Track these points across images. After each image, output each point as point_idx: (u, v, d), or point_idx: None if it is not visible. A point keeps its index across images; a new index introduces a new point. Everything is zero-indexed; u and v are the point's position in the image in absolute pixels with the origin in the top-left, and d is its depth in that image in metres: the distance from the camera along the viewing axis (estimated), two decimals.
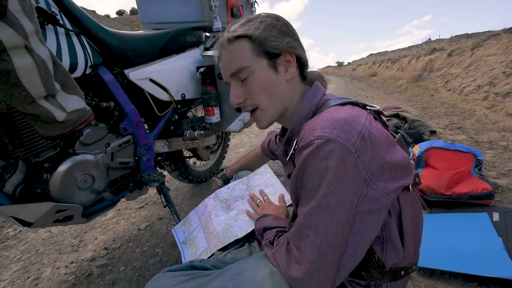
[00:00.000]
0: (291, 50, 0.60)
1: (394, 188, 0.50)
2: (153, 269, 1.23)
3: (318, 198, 0.48)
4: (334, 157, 0.46)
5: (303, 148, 0.51)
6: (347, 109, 0.53)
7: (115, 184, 1.11)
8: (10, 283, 1.24)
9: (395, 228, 0.53)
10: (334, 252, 0.48)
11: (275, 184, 0.97)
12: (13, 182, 0.82)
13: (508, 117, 2.95)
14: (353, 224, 0.48)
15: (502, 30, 4.90)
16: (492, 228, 1.19)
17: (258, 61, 0.59)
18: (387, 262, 0.55)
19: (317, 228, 0.48)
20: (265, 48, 0.58)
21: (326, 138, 0.47)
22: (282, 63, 0.60)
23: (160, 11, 1.41)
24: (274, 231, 0.66)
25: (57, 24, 0.84)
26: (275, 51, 0.59)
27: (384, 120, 0.60)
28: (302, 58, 0.63)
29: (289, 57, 0.60)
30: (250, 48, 0.58)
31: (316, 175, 0.48)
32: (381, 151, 0.49)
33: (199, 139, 1.39)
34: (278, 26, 0.60)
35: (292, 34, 0.61)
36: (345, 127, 0.48)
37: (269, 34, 0.58)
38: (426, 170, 1.58)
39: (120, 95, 1.05)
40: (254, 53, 0.59)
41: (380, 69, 12.14)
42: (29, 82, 0.63)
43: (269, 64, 0.59)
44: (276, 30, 0.59)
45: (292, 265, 0.51)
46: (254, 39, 0.58)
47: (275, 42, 0.58)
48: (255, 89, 0.60)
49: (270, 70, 0.60)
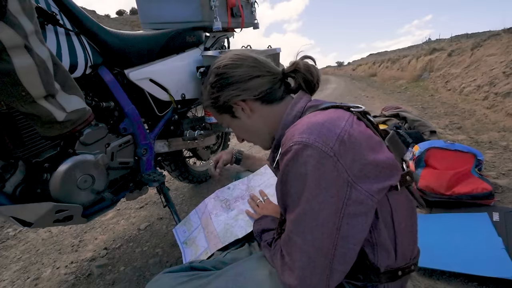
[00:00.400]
0: (230, 101, 0.65)
1: (378, 189, 0.50)
2: (153, 269, 1.23)
3: (302, 204, 0.49)
4: (313, 162, 0.47)
5: (283, 154, 0.51)
6: (327, 113, 0.53)
7: (115, 184, 1.11)
8: (10, 283, 1.24)
9: (383, 230, 0.53)
10: (323, 256, 0.48)
11: (275, 184, 0.97)
12: (13, 182, 0.82)
13: (508, 117, 2.95)
14: (340, 227, 0.48)
15: (502, 30, 4.90)
16: (492, 228, 1.19)
17: (224, 118, 0.70)
18: (380, 265, 0.54)
19: (304, 234, 0.48)
20: (218, 109, 0.68)
21: (304, 144, 0.48)
22: (238, 109, 0.66)
23: (160, 11, 1.41)
24: (272, 233, 0.66)
25: (57, 24, 0.84)
26: (223, 107, 0.67)
27: (371, 120, 0.59)
28: (254, 94, 0.64)
29: (235, 105, 0.66)
30: (214, 111, 0.70)
31: (297, 181, 0.49)
32: (362, 152, 0.49)
33: (199, 139, 1.39)
34: (216, 83, 0.65)
35: (230, 82, 0.64)
36: (323, 131, 0.48)
37: (212, 98, 0.67)
38: (426, 170, 1.58)
39: (120, 95, 1.05)
40: (218, 114, 0.70)
41: (380, 69, 12.14)
42: (29, 82, 0.63)
43: (231, 116, 0.68)
44: (215, 89, 0.66)
45: (285, 271, 0.51)
46: (210, 107, 0.69)
47: (218, 102, 0.66)
48: (238, 135, 0.74)
49: (234, 120, 0.69)
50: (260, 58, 0.66)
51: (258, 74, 0.64)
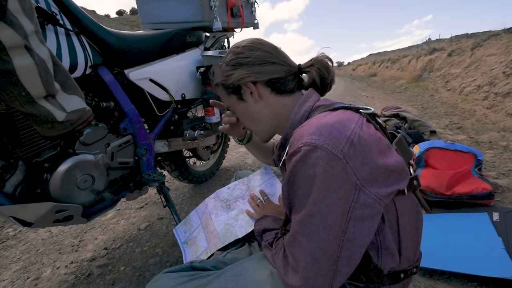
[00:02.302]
0: (241, 81, 0.65)
1: (387, 193, 0.50)
2: (153, 269, 1.23)
3: (309, 206, 0.48)
4: (322, 164, 0.46)
5: (292, 155, 0.51)
6: (337, 114, 0.53)
7: (115, 184, 1.11)
8: (10, 283, 1.24)
9: (389, 233, 0.53)
10: (328, 258, 0.48)
11: (276, 184, 0.98)
12: (13, 182, 0.82)
13: (508, 117, 2.95)
14: (346, 229, 0.48)
15: (502, 30, 4.90)
16: (492, 228, 1.19)
17: (231, 99, 0.70)
18: (384, 267, 0.54)
19: (310, 235, 0.48)
20: (227, 89, 0.68)
21: (313, 145, 0.47)
22: (246, 92, 0.66)
23: (160, 11, 1.41)
24: (273, 233, 0.66)
25: (57, 24, 0.84)
26: (233, 87, 0.67)
27: (379, 122, 0.59)
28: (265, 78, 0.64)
29: (245, 87, 0.66)
30: (223, 91, 0.70)
31: (305, 182, 0.48)
32: (372, 155, 0.49)
33: (199, 139, 1.39)
34: (232, 61, 0.66)
35: (244, 63, 0.65)
36: (333, 133, 0.48)
37: (223, 75, 0.67)
38: (426, 170, 1.58)
39: (120, 95, 1.05)
40: (226, 94, 0.70)
41: (380, 69, 12.13)
42: (29, 82, 0.63)
43: (237, 98, 0.68)
44: (228, 67, 0.66)
45: (289, 272, 0.51)
46: (221, 85, 0.69)
47: (229, 80, 0.66)
48: (240, 119, 0.74)
49: (241, 102, 0.69)
50: (279, 48, 0.68)
51: (273, 61, 0.64)
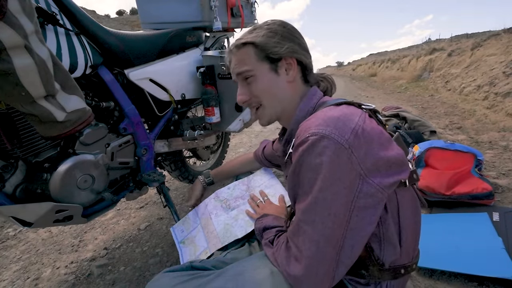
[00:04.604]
0: (292, 54, 0.65)
1: (389, 183, 0.51)
2: (153, 269, 1.23)
3: (314, 193, 0.50)
4: (329, 153, 0.48)
5: (298, 145, 0.53)
6: (341, 108, 0.56)
7: (115, 184, 1.11)
8: (10, 283, 1.24)
9: (391, 225, 0.54)
10: (332, 247, 0.49)
11: (276, 185, 0.98)
12: (13, 182, 0.82)
13: (508, 117, 2.95)
14: (349, 219, 0.49)
15: (502, 30, 4.90)
16: (492, 228, 1.19)
17: (261, 65, 0.65)
18: (385, 260, 0.56)
19: (315, 223, 0.49)
20: (266, 53, 0.64)
21: (321, 135, 0.49)
22: (283, 66, 0.66)
23: (160, 11, 1.41)
24: (274, 231, 0.67)
25: (57, 24, 0.84)
26: (275, 56, 0.64)
27: (380, 118, 0.62)
28: (304, 62, 0.67)
29: (290, 60, 0.65)
30: (254, 53, 0.65)
31: (311, 171, 0.50)
32: (375, 147, 0.51)
33: (199, 139, 1.38)
34: (281, 32, 0.65)
35: (295, 40, 0.66)
36: (338, 124, 0.50)
37: (271, 40, 0.64)
38: (426, 170, 1.58)
39: (120, 95, 1.05)
40: (257, 58, 0.65)
41: (380, 69, 12.13)
42: (29, 82, 0.63)
43: (270, 68, 0.65)
44: (278, 36, 0.64)
45: (291, 262, 0.52)
46: (257, 45, 0.64)
47: (276, 47, 0.64)
48: (259, 89, 0.67)
49: (271, 73, 0.66)
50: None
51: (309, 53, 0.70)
